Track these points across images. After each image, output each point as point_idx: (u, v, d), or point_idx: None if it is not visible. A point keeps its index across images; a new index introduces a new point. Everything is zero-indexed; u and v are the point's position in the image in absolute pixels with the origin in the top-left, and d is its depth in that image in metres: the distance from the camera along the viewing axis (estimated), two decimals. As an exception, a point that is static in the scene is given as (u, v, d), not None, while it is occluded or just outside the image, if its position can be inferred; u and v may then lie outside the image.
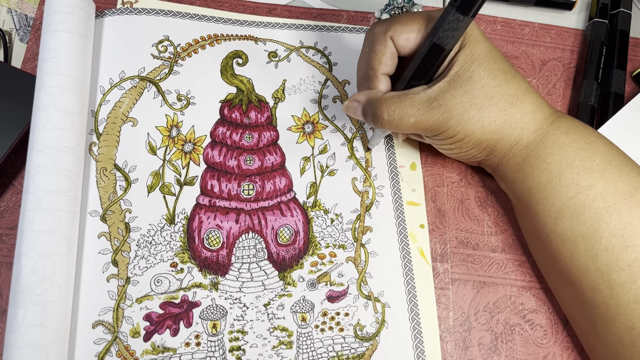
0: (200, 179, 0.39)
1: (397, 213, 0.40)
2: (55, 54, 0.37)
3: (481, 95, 0.34)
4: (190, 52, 0.43)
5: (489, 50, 0.35)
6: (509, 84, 0.35)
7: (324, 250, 0.38)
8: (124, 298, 0.35)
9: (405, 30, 0.35)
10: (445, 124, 0.35)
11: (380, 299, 0.37)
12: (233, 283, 0.36)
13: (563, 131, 0.35)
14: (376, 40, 0.36)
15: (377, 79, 0.37)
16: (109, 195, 0.37)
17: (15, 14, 0.43)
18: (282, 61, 0.44)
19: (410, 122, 0.35)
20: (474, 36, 0.35)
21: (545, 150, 0.35)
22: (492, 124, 0.35)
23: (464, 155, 0.38)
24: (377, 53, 0.36)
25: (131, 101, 0.40)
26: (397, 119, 0.35)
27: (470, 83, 0.34)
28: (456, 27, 0.32)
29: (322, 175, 0.41)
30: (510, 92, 0.35)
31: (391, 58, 0.36)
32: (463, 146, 0.36)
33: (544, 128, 0.35)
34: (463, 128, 0.35)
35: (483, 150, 0.37)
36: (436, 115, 0.34)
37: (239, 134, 0.41)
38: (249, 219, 0.38)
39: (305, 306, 0.36)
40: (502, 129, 0.35)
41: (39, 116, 0.35)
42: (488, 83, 0.34)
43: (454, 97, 0.34)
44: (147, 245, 0.36)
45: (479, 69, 0.34)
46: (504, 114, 0.35)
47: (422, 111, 0.34)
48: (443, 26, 0.33)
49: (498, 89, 0.35)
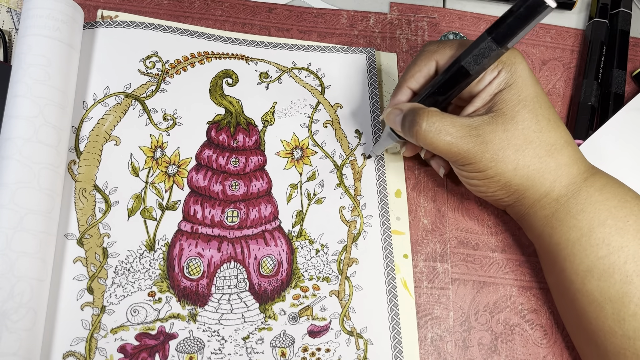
0: (183, 204, 0.38)
1: (385, 245, 0.39)
2: (46, 62, 0.35)
3: (521, 137, 0.34)
4: (179, 69, 0.42)
5: (537, 95, 0.34)
6: (551, 132, 0.34)
7: (307, 283, 0.37)
8: (98, 328, 0.33)
9: (454, 55, 0.35)
10: (480, 155, 0.34)
11: (363, 335, 0.36)
12: (212, 314, 0.35)
13: (597, 188, 0.34)
14: (421, 57, 0.37)
15: (402, 90, 0.37)
16: (87, 218, 0.36)
17: (15, 14, 0.43)
18: (273, 82, 0.43)
19: (446, 140, 0.34)
20: (524, 78, 0.34)
21: (577, 207, 0.34)
22: (526, 168, 0.34)
23: (491, 196, 0.37)
24: (415, 67, 0.37)
25: (115, 119, 0.39)
26: (434, 132, 0.34)
27: (512, 123, 0.34)
28: (487, 55, 0.32)
29: (309, 203, 0.40)
30: (550, 140, 0.34)
31: (425, 77, 0.37)
32: (492, 185, 0.36)
33: (577, 183, 0.35)
34: (496, 165, 0.34)
35: (511, 194, 0.36)
36: (472, 143, 0.34)
37: (225, 157, 0.40)
38: (232, 248, 0.37)
39: (286, 341, 0.35)
40: (534, 176, 0.34)
41: (23, 125, 0.34)
42: (530, 127, 0.34)
43: (493, 132, 0.34)
44: (124, 273, 0.35)
45: (523, 111, 0.34)
46: (539, 160, 0.34)
47: (460, 133, 0.34)
48: (474, 52, 0.32)
49: (538, 135, 0.34)
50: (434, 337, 0.37)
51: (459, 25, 0.48)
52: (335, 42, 0.46)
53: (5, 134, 0.34)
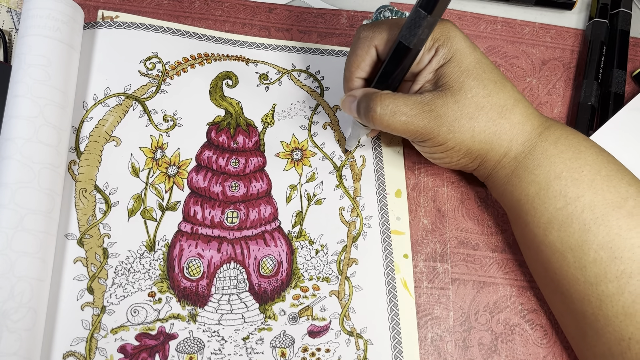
0: (183, 205, 0.38)
1: (385, 245, 0.39)
2: (47, 62, 0.35)
3: (472, 105, 0.35)
4: (179, 70, 0.42)
5: (478, 61, 0.35)
6: (499, 93, 0.35)
7: (307, 283, 0.37)
8: (98, 328, 0.34)
9: (390, 38, 0.35)
10: (436, 129, 0.35)
11: (362, 336, 0.36)
12: (212, 315, 0.35)
13: (551, 142, 0.35)
14: (359, 45, 0.36)
15: (352, 81, 0.37)
16: (88, 218, 0.36)
17: (15, 14, 0.43)
18: (273, 84, 0.43)
19: (401, 120, 0.35)
20: (461, 50, 0.35)
21: (533, 162, 0.35)
22: (482, 133, 0.35)
23: (456, 165, 0.38)
24: (357, 57, 0.36)
25: (115, 119, 0.39)
26: (389, 115, 0.35)
27: (461, 93, 0.34)
28: (419, 24, 0.32)
29: (309, 204, 0.40)
30: (499, 102, 0.35)
31: (370, 65, 0.37)
32: (454, 155, 0.36)
33: (532, 139, 0.35)
34: (453, 136, 0.35)
35: (474, 160, 0.37)
36: (427, 119, 0.34)
37: (225, 158, 0.40)
38: (231, 248, 0.37)
39: (286, 341, 0.35)
40: (491, 139, 0.35)
41: (24, 125, 0.34)
42: (478, 93, 0.35)
43: (445, 105, 0.34)
44: (125, 273, 0.35)
45: (468, 80, 0.35)
46: (493, 124, 0.35)
47: (414, 112, 0.34)
48: (406, 24, 0.33)
49: (488, 99, 0.35)
50: (434, 337, 0.37)
51: (458, 25, 0.48)
52: (335, 43, 0.46)
53: (6, 134, 0.34)
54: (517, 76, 0.47)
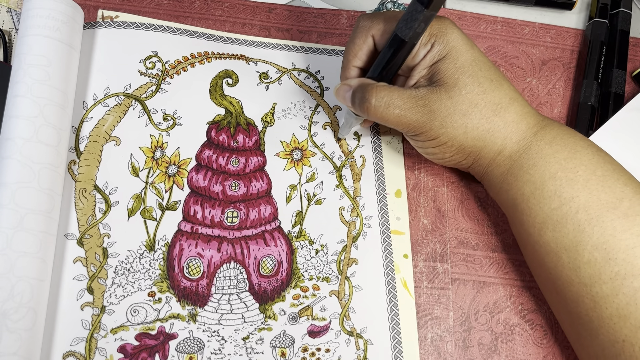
0: (183, 204, 0.38)
1: (385, 245, 0.39)
2: (47, 62, 0.35)
3: (465, 102, 0.35)
4: (179, 69, 0.42)
5: (474, 58, 0.35)
6: (495, 92, 0.35)
7: (307, 283, 0.37)
8: (98, 328, 0.33)
9: (387, 29, 0.35)
10: (429, 124, 0.35)
11: (362, 336, 0.36)
12: (212, 315, 0.35)
13: (547, 142, 0.35)
14: (357, 34, 0.37)
15: (349, 70, 0.38)
16: (87, 218, 0.36)
17: (15, 14, 0.43)
18: (273, 83, 0.43)
19: (395, 113, 0.35)
20: (457, 47, 0.35)
21: (528, 162, 0.35)
22: (475, 130, 0.35)
23: (449, 161, 0.38)
24: (355, 46, 0.37)
25: (115, 119, 0.39)
26: (384, 107, 0.35)
27: (455, 90, 0.35)
28: (416, 18, 0.32)
29: (309, 204, 0.40)
30: (495, 100, 0.35)
31: (367, 54, 0.37)
32: (447, 150, 0.37)
33: (527, 138, 0.35)
34: (446, 131, 0.35)
35: (468, 156, 0.37)
36: (420, 113, 0.35)
37: (225, 157, 0.40)
38: (231, 248, 0.37)
39: (285, 341, 0.35)
40: (484, 137, 0.35)
41: (23, 125, 0.34)
42: (473, 90, 0.35)
43: (439, 100, 0.35)
44: (124, 273, 0.35)
45: (463, 77, 0.35)
46: (487, 121, 0.35)
47: (408, 105, 0.35)
48: (403, 17, 0.33)
49: (483, 97, 0.35)
50: (434, 337, 0.37)
51: (458, 25, 0.48)
52: (335, 42, 0.46)
53: (6, 134, 0.34)
54: (517, 76, 0.47)
